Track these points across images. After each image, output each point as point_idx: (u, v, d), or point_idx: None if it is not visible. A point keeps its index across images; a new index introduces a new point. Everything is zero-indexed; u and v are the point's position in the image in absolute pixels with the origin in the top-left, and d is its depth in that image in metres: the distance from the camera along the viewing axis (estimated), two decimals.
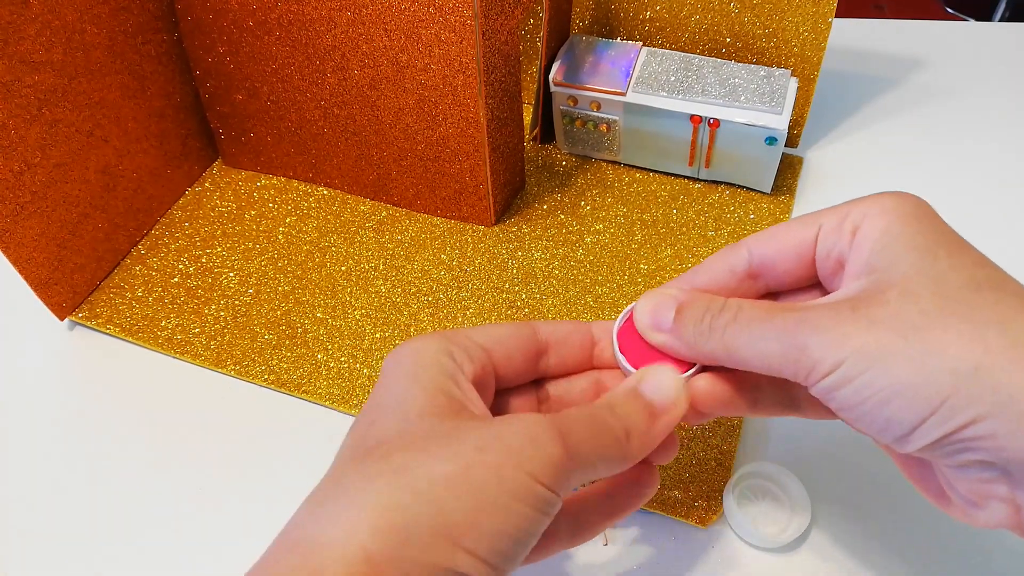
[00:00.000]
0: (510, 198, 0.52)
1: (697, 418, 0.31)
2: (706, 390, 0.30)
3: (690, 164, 0.52)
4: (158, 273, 0.49)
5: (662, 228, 0.50)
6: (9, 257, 0.43)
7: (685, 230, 0.50)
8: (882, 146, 0.56)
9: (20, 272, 0.44)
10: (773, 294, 0.31)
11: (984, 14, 1.47)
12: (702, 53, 0.53)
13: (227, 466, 0.41)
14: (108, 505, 0.40)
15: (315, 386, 0.44)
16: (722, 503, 0.38)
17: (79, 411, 0.44)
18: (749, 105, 0.47)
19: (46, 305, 0.46)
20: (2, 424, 0.44)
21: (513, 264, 0.49)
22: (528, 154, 0.55)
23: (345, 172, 0.52)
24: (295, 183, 0.54)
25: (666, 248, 0.49)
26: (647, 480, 0.31)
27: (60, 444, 0.43)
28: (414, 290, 0.48)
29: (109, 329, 0.47)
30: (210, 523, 0.39)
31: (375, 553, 0.22)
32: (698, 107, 0.48)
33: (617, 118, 0.50)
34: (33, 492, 0.41)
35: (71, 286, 0.47)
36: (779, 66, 0.51)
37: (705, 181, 0.53)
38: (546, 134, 0.56)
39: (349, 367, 0.44)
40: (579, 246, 0.50)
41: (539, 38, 0.54)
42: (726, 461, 0.40)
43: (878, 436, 0.25)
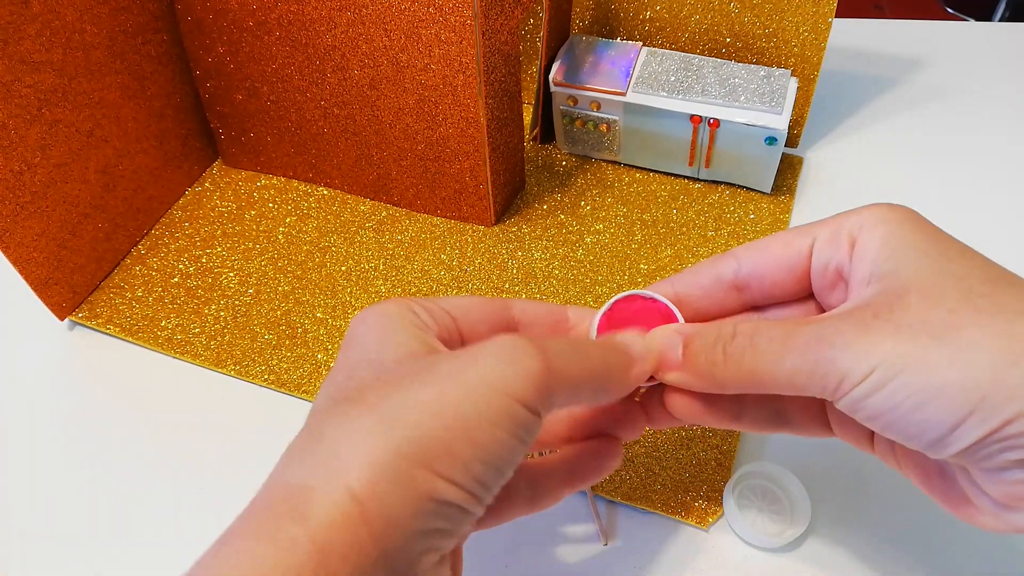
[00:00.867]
0: (510, 198, 0.52)
1: (668, 422, 0.31)
2: (679, 396, 0.30)
3: (690, 164, 0.52)
4: (158, 273, 0.49)
5: (662, 228, 0.50)
6: (9, 257, 0.43)
7: (685, 230, 0.50)
8: (882, 146, 0.56)
9: (20, 272, 0.44)
10: (757, 308, 0.31)
11: (984, 14, 1.47)
12: (702, 53, 0.53)
13: (227, 466, 0.41)
14: (108, 505, 0.40)
15: (315, 386, 0.44)
16: (722, 503, 0.38)
17: (79, 411, 0.44)
18: (749, 105, 0.47)
19: (46, 305, 0.46)
20: (2, 424, 0.44)
21: (513, 264, 0.49)
22: (528, 154, 0.55)
23: (345, 172, 0.52)
24: (295, 183, 0.54)
25: (666, 248, 0.49)
26: (610, 451, 0.31)
27: (60, 444, 0.43)
28: (414, 290, 0.48)
29: (109, 329, 0.47)
30: (210, 523, 0.39)
31: (359, 491, 0.22)
32: (698, 107, 0.48)
33: (617, 118, 0.50)
34: (33, 492, 0.41)
35: (71, 286, 0.47)
36: (779, 66, 0.51)
37: (705, 181, 0.53)
38: (546, 134, 0.56)
39: None
40: (579, 246, 0.50)
41: (539, 38, 0.54)
42: (726, 461, 0.40)
43: (911, 442, 0.25)
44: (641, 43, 0.51)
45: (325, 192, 0.54)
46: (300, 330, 0.46)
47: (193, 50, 0.50)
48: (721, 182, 0.53)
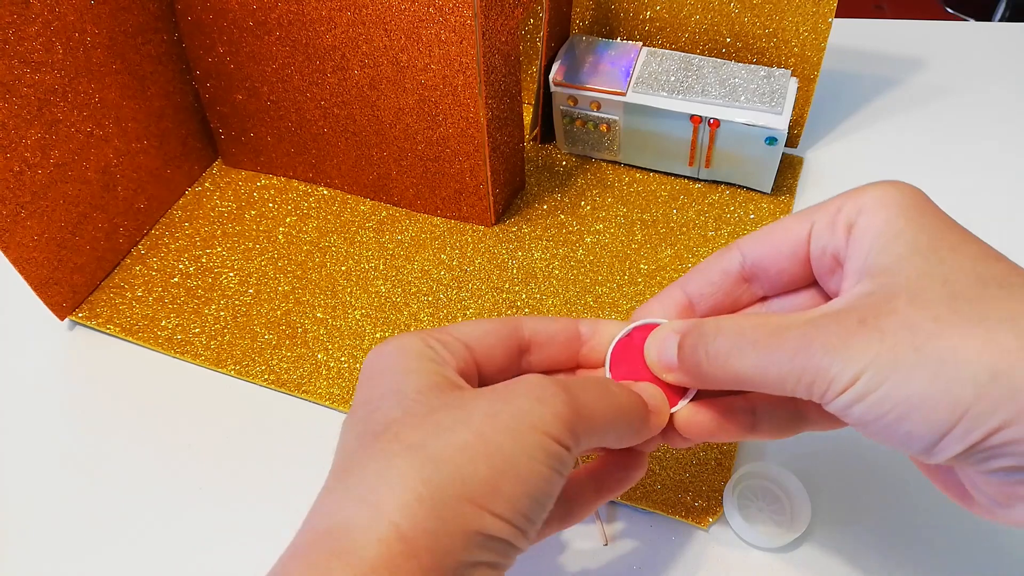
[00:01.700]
0: (510, 198, 0.52)
1: (684, 442, 0.30)
2: (687, 418, 0.30)
3: (690, 164, 0.52)
4: (158, 273, 0.49)
5: (662, 228, 0.50)
6: (9, 257, 0.43)
7: (685, 230, 0.50)
8: (882, 146, 0.56)
9: (20, 272, 0.44)
10: (769, 297, 0.31)
11: (984, 14, 1.47)
12: (702, 53, 0.53)
13: (227, 466, 0.41)
14: (108, 505, 0.40)
15: (315, 386, 0.44)
16: (722, 503, 0.38)
17: (79, 411, 0.44)
18: (749, 105, 0.47)
19: (46, 305, 0.46)
20: (2, 424, 0.44)
21: (513, 264, 0.49)
22: (528, 154, 0.55)
23: (345, 172, 0.52)
24: (295, 183, 0.54)
25: (666, 248, 0.49)
26: (635, 462, 0.31)
27: (60, 444, 0.43)
28: (414, 290, 0.48)
29: (109, 329, 0.47)
30: (210, 523, 0.39)
31: (407, 528, 0.22)
32: (698, 107, 0.48)
33: (617, 118, 0.50)
34: (33, 492, 0.41)
35: (71, 286, 0.47)
36: (779, 66, 0.51)
37: (705, 181, 0.53)
38: (546, 134, 0.56)
39: (349, 367, 0.44)
40: (579, 246, 0.50)
41: (539, 38, 0.54)
42: (726, 461, 0.40)
43: (901, 449, 0.25)
44: (641, 43, 0.51)
45: (325, 192, 0.54)
46: (300, 330, 0.46)
47: (193, 50, 0.50)
48: (721, 182, 0.53)
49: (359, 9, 0.43)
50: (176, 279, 0.49)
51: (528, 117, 0.56)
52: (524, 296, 0.47)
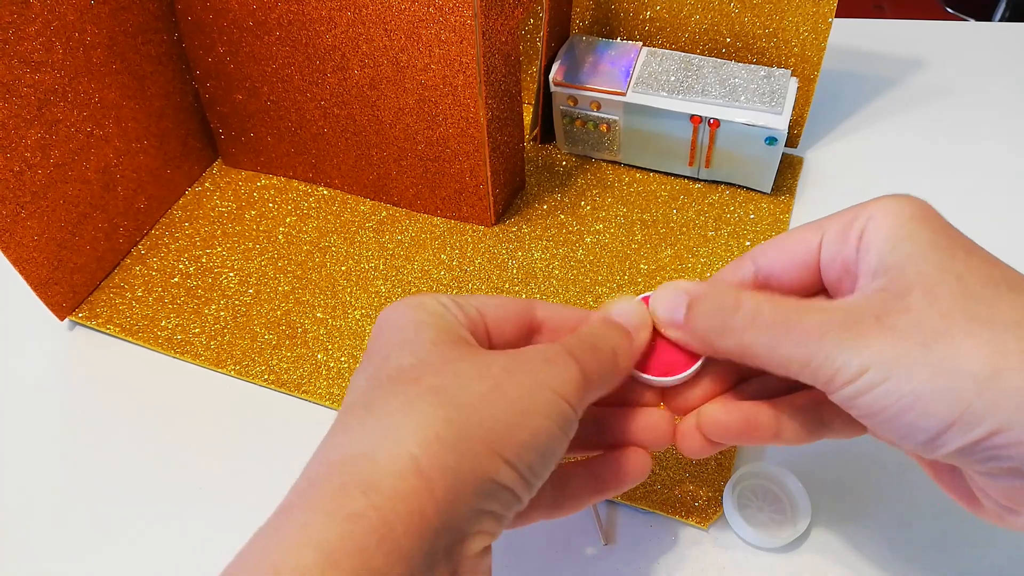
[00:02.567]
0: (510, 198, 0.52)
1: (699, 452, 0.31)
2: (714, 421, 0.30)
3: (690, 164, 0.52)
4: (158, 273, 0.49)
5: (662, 228, 0.50)
6: (9, 257, 0.43)
7: (685, 230, 0.50)
8: (882, 146, 0.56)
9: (20, 272, 0.44)
10: None
11: (984, 14, 1.47)
12: (702, 53, 0.53)
13: (227, 466, 0.41)
14: (108, 505, 0.40)
15: (315, 386, 0.44)
16: (722, 503, 0.38)
17: (79, 411, 0.44)
18: (749, 105, 0.47)
19: (46, 305, 0.46)
20: (2, 424, 0.44)
21: (513, 264, 0.49)
22: (528, 154, 0.55)
23: (345, 172, 0.52)
24: (295, 183, 0.54)
25: (666, 248, 0.49)
26: (637, 462, 0.31)
27: (60, 444, 0.43)
28: (414, 290, 0.48)
29: (109, 329, 0.47)
30: (210, 523, 0.39)
31: (426, 465, 0.23)
32: (698, 107, 0.48)
33: (617, 118, 0.50)
34: (33, 492, 0.41)
35: (71, 286, 0.47)
36: (779, 66, 0.51)
37: (705, 181, 0.53)
38: (546, 134, 0.56)
39: (349, 367, 0.44)
40: (579, 246, 0.50)
41: (539, 38, 0.54)
42: (726, 461, 0.40)
43: (901, 443, 0.25)
44: (641, 43, 0.51)
45: (325, 192, 0.54)
46: (300, 330, 0.46)
47: (193, 50, 0.50)
48: (721, 182, 0.53)
49: (359, 9, 0.43)
50: (176, 279, 0.49)
51: (528, 117, 0.56)
52: (524, 296, 0.47)
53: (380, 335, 0.27)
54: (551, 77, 0.50)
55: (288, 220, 0.52)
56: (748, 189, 0.52)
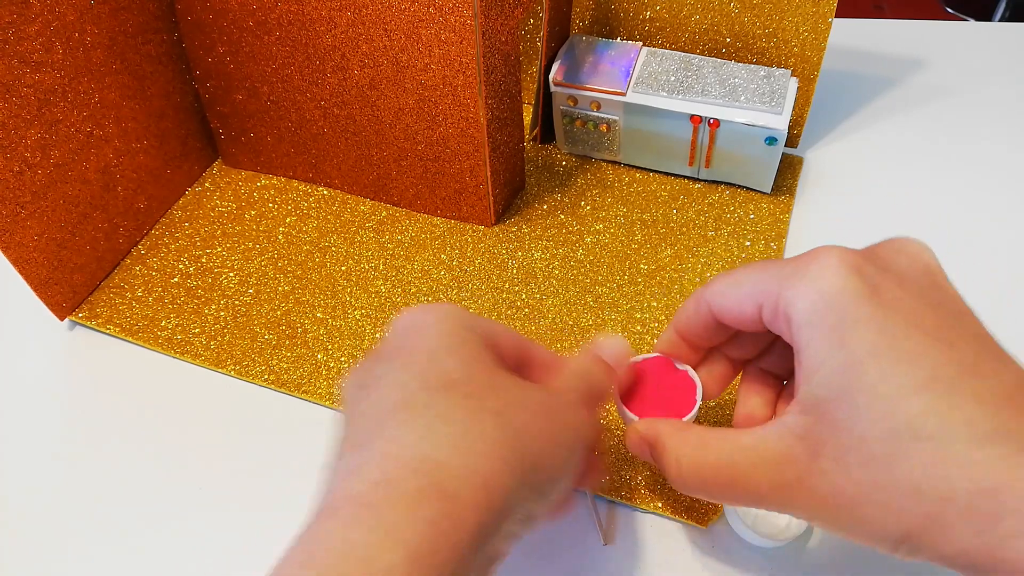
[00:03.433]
0: (510, 198, 0.52)
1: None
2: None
3: (690, 164, 0.52)
4: (158, 273, 0.49)
5: (662, 228, 0.50)
6: (9, 257, 0.43)
7: (685, 230, 0.50)
8: (882, 146, 0.56)
9: (20, 272, 0.44)
10: (743, 334, 0.33)
11: (984, 14, 1.48)
12: (702, 53, 0.53)
13: (227, 466, 0.41)
14: (108, 505, 0.40)
15: (315, 386, 0.44)
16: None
17: (79, 411, 0.44)
18: (749, 105, 0.47)
19: (46, 305, 0.46)
20: (2, 424, 0.44)
21: (513, 264, 0.49)
22: (528, 154, 0.55)
23: (345, 172, 0.52)
24: (295, 183, 0.54)
25: (666, 248, 0.49)
26: (591, 466, 0.34)
27: (60, 444, 0.43)
28: (414, 290, 0.48)
29: (109, 329, 0.47)
30: (210, 522, 0.39)
31: (492, 484, 0.24)
32: (698, 107, 0.48)
33: (617, 118, 0.50)
34: (33, 492, 0.41)
35: (71, 286, 0.47)
36: (779, 66, 0.51)
37: (705, 181, 0.53)
38: (546, 134, 0.56)
39: (349, 367, 0.44)
40: (579, 246, 0.50)
41: (539, 38, 0.54)
42: None
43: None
44: (641, 43, 0.51)
45: (325, 192, 0.54)
46: (300, 330, 0.46)
47: (193, 50, 0.50)
48: (721, 182, 0.53)
49: (359, 9, 0.43)
50: (176, 279, 0.49)
51: (528, 117, 0.56)
52: (524, 296, 0.47)
53: (417, 334, 0.28)
54: (551, 77, 0.50)
55: (288, 220, 0.52)
56: (748, 189, 0.52)
